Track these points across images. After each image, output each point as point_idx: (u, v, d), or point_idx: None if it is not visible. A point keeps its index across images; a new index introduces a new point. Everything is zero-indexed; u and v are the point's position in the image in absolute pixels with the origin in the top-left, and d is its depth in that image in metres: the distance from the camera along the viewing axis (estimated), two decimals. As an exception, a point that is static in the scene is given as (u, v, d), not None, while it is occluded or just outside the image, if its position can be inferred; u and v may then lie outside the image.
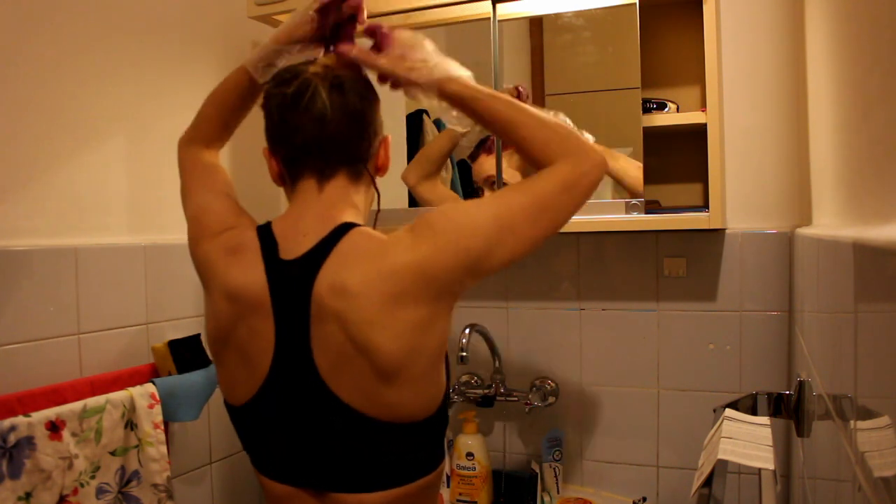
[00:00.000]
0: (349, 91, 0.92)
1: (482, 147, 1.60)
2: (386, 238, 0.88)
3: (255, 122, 1.03)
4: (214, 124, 1.12)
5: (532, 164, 0.94)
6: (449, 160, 1.61)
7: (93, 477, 1.17)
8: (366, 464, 0.89)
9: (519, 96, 1.51)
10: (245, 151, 1.61)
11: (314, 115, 0.91)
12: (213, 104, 1.12)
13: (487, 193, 1.56)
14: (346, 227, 0.90)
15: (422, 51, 0.97)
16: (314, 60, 0.96)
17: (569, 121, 1.44)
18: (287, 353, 0.89)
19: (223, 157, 1.18)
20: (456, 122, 1.01)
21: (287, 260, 0.90)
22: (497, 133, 1.00)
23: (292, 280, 0.88)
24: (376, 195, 1.00)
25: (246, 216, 1.01)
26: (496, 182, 1.54)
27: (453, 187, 1.61)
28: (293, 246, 0.90)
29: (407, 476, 0.91)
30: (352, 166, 0.95)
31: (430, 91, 0.97)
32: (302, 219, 0.92)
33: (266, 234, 0.93)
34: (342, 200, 0.94)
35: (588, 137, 1.43)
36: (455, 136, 1.53)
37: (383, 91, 1.00)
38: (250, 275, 0.90)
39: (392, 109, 1.68)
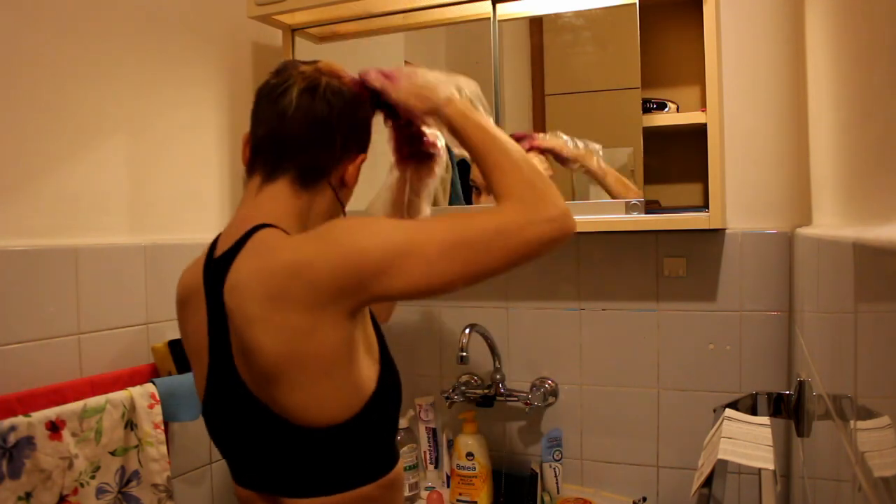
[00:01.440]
0: (320, 97, 0.91)
1: None
2: (278, 238, 0.86)
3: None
4: None
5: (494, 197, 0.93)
6: (448, 160, 1.61)
7: (93, 477, 1.17)
8: (293, 468, 0.88)
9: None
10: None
11: (277, 111, 0.91)
12: None
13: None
14: (257, 228, 0.88)
15: (422, 77, 0.98)
16: (317, 62, 0.96)
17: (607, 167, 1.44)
18: (216, 351, 0.89)
19: (223, 153, 1.18)
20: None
21: (214, 259, 0.91)
22: (472, 158, 0.97)
23: (215, 280, 0.89)
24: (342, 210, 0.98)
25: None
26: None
27: (453, 187, 1.61)
28: (224, 245, 0.91)
29: (337, 484, 0.88)
30: (302, 172, 0.91)
31: (429, 117, 0.98)
32: (234, 221, 0.93)
33: (217, 236, 0.96)
34: (275, 205, 0.91)
35: (595, 147, 1.43)
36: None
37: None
38: (193, 274, 0.95)
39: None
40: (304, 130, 0.90)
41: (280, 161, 0.92)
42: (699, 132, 1.35)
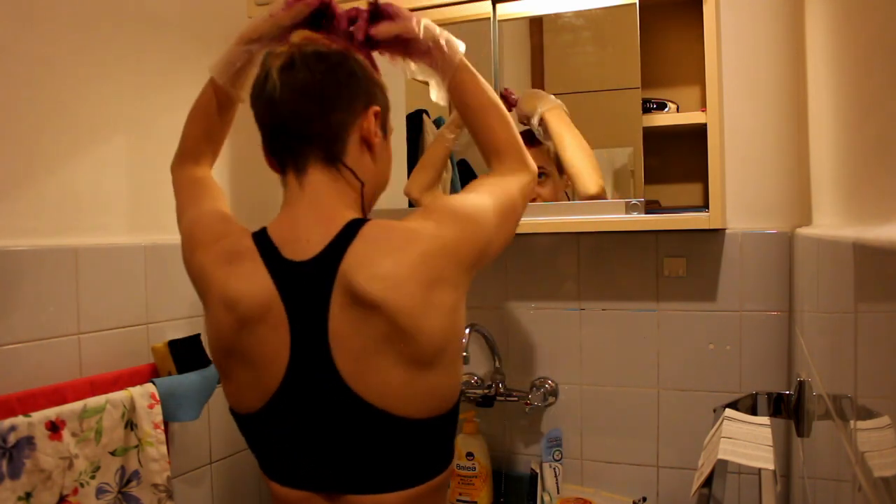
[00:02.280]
0: (300, 66, 0.87)
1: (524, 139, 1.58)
2: (406, 226, 0.88)
3: (251, 120, 1.02)
4: (199, 140, 1.11)
5: (485, 152, 1.04)
6: (449, 161, 1.61)
7: (93, 477, 1.17)
8: (384, 463, 0.89)
9: (506, 99, 1.51)
10: (244, 152, 1.61)
11: (266, 99, 0.89)
12: (192, 120, 1.11)
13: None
14: (357, 223, 0.88)
15: (437, 28, 1.00)
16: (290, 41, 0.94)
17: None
18: (304, 357, 0.87)
19: (222, 153, 1.18)
20: (417, 73, 1.02)
21: (297, 261, 0.87)
22: (465, 114, 1.04)
23: (306, 282, 0.86)
24: (360, 184, 0.94)
25: (235, 224, 0.98)
26: (544, 174, 1.51)
27: (453, 187, 1.61)
28: (298, 248, 0.88)
29: (423, 475, 0.91)
30: (324, 150, 0.90)
31: (445, 73, 0.99)
32: (297, 222, 0.90)
33: (263, 239, 0.91)
34: (328, 195, 0.90)
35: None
36: (448, 141, 1.52)
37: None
38: (253, 282, 0.88)
39: (392, 108, 1.69)
40: (298, 105, 0.87)
41: (296, 148, 0.90)
42: (699, 132, 1.35)
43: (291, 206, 0.92)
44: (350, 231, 0.87)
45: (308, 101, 0.88)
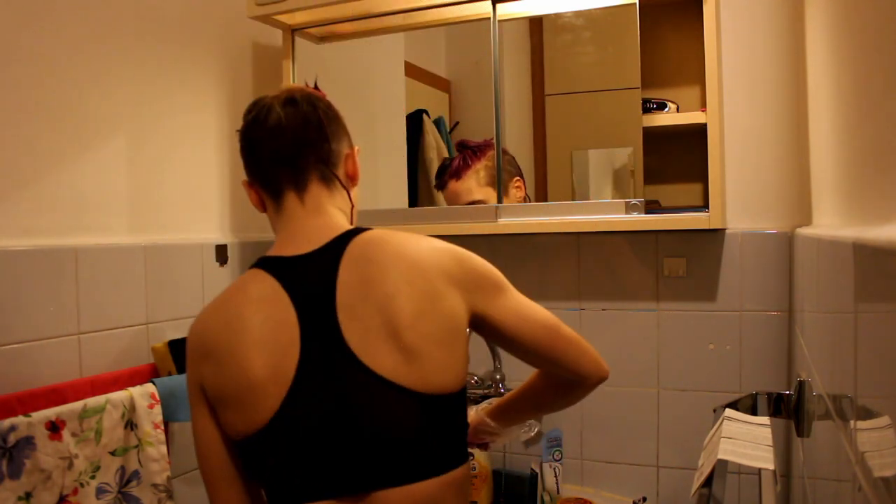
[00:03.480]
0: (301, 101, 1.00)
1: (447, 173, 1.60)
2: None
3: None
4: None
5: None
6: (444, 147, 1.62)
7: (93, 477, 1.17)
8: (410, 444, 0.89)
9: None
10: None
11: (272, 127, 0.98)
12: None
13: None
14: (351, 233, 0.96)
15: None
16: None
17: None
18: (317, 356, 0.90)
19: (223, 152, 1.18)
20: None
21: (299, 255, 0.95)
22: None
23: (312, 268, 0.94)
24: (350, 205, 1.06)
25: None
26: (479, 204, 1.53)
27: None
28: (298, 250, 0.96)
29: (449, 460, 0.93)
30: (320, 172, 1.00)
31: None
32: (295, 235, 0.98)
33: (266, 262, 0.98)
34: (328, 207, 1.00)
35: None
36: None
37: (383, 87, 1.02)
38: (260, 286, 0.96)
39: (392, 109, 1.69)
40: (303, 133, 0.98)
41: (298, 167, 0.99)
42: (699, 132, 1.35)
43: (290, 222, 0.99)
44: (346, 238, 0.95)
45: (311, 130, 0.99)
